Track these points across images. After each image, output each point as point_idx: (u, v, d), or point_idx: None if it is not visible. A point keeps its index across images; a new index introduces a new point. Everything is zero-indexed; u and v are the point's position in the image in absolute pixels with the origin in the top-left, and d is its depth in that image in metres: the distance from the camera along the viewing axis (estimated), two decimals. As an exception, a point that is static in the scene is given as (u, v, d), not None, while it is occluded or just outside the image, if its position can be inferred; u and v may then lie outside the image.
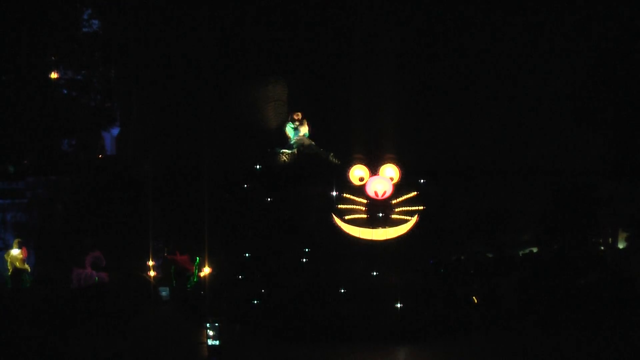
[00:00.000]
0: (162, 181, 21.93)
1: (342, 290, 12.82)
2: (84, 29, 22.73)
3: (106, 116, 23.20)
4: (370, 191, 13.23)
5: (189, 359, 10.64)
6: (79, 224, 23.80)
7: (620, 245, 20.35)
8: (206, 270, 19.74)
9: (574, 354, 10.26)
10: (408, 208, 13.50)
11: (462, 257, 22.32)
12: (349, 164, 14.10)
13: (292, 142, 16.44)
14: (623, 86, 21.65)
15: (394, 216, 13.02)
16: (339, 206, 13.38)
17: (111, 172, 23.29)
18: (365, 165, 13.75)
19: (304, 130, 16.49)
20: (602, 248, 20.38)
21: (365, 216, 13.04)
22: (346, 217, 13.24)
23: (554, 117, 22.13)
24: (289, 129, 16.58)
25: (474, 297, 11.60)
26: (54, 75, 22.71)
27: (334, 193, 13.49)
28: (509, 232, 27.42)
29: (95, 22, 22.96)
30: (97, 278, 19.42)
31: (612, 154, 21.72)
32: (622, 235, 20.68)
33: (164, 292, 18.97)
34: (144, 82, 23.87)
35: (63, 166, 23.38)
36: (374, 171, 13.81)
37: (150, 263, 20.46)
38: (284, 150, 16.19)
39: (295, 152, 16.08)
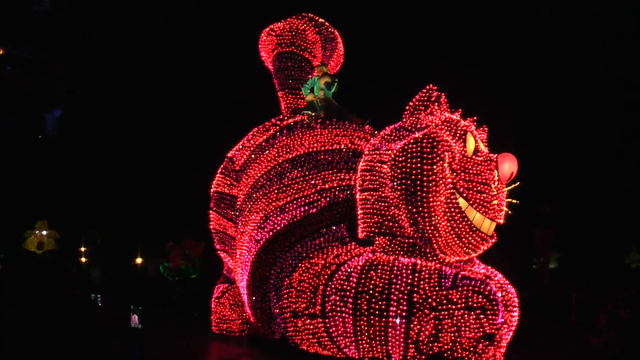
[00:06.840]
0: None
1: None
2: (35, 7, 22.31)
3: (50, 97, 22.70)
4: (507, 172, 9.27)
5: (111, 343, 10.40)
6: (14, 207, 23.14)
7: (552, 265, 20.79)
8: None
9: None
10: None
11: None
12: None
13: (316, 103, 13.09)
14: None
15: (504, 207, 9.49)
16: (464, 179, 9.27)
17: (51, 154, 22.79)
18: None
19: (320, 87, 13.05)
20: (535, 267, 20.78)
21: (494, 202, 9.22)
22: (477, 199, 9.26)
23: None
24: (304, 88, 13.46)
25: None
26: (-1, 51, 22.17)
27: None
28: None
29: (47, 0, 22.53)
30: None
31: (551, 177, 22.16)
32: (554, 256, 21.12)
33: (95, 274, 18.25)
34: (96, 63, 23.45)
35: (1, 145, 22.77)
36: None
37: (82, 249, 20.10)
38: (306, 112, 12.95)
39: (322, 114, 12.77)
